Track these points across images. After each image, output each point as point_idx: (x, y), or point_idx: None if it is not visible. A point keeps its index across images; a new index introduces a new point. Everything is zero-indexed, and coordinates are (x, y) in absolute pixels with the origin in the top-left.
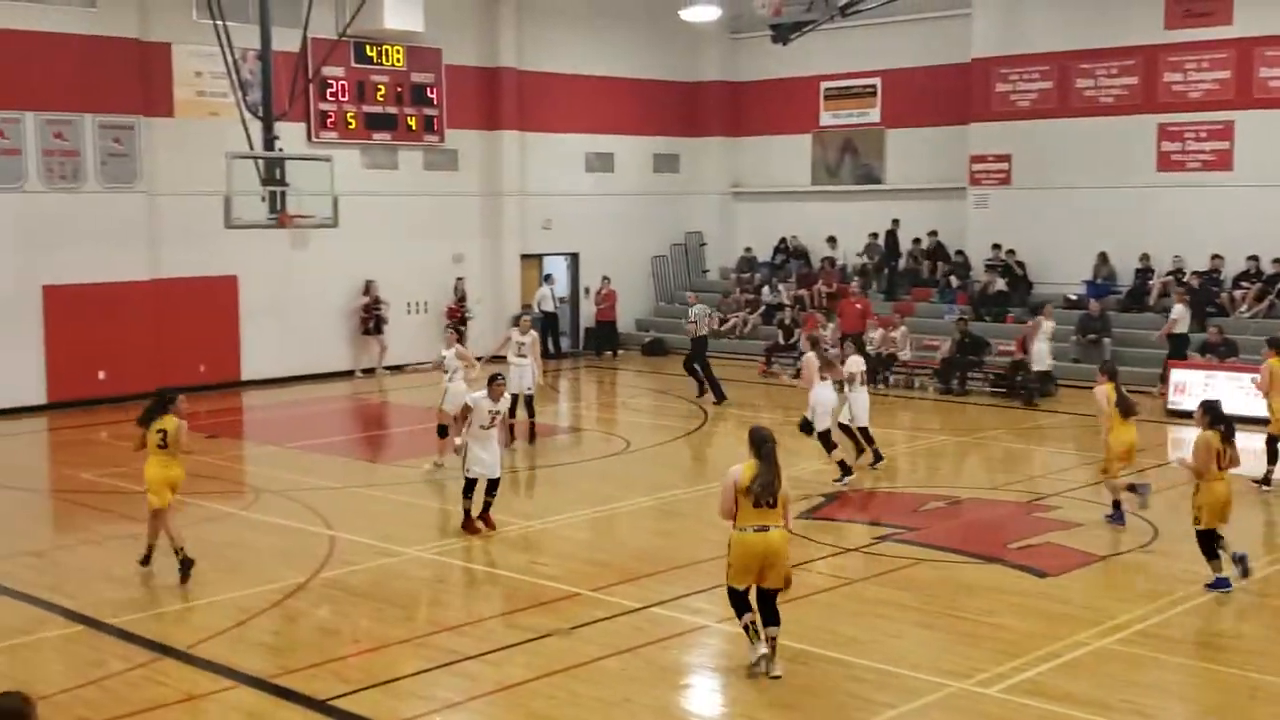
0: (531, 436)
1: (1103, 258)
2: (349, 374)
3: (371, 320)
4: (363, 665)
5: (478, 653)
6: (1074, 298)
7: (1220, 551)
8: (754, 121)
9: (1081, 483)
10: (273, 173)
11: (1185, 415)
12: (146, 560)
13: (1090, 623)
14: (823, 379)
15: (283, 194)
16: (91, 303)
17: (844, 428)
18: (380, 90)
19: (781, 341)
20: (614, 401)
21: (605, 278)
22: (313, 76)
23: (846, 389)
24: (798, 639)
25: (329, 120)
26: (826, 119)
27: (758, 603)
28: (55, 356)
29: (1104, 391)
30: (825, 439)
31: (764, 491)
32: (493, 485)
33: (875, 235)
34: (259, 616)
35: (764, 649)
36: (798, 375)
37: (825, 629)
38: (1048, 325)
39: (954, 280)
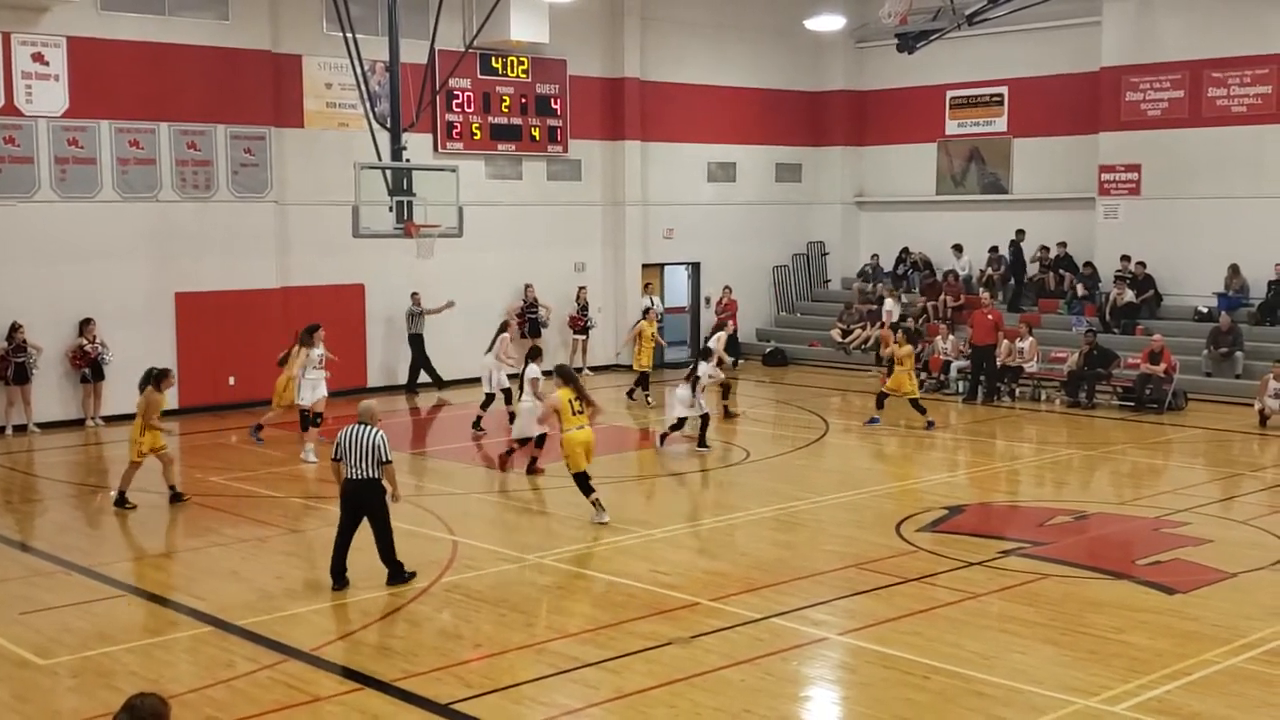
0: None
1: (1234, 270)
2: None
3: (527, 324)
4: (484, 670)
5: (597, 660)
6: (1205, 310)
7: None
8: (878, 131)
9: (1212, 498)
10: (400, 183)
11: None
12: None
13: (1220, 641)
14: None
15: (409, 204)
16: (222, 310)
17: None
18: (505, 101)
19: None
20: (734, 411)
21: (727, 287)
22: (440, 88)
23: (532, 398)
24: (921, 653)
25: (455, 131)
26: (952, 128)
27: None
28: (186, 362)
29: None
30: None
31: (582, 403)
32: None
33: (995, 249)
34: (382, 620)
35: (607, 516)
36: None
37: (949, 643)
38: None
39: (1081, 291)
